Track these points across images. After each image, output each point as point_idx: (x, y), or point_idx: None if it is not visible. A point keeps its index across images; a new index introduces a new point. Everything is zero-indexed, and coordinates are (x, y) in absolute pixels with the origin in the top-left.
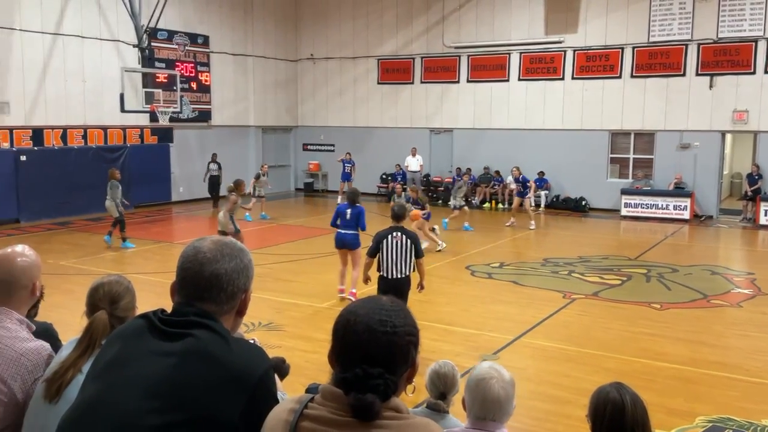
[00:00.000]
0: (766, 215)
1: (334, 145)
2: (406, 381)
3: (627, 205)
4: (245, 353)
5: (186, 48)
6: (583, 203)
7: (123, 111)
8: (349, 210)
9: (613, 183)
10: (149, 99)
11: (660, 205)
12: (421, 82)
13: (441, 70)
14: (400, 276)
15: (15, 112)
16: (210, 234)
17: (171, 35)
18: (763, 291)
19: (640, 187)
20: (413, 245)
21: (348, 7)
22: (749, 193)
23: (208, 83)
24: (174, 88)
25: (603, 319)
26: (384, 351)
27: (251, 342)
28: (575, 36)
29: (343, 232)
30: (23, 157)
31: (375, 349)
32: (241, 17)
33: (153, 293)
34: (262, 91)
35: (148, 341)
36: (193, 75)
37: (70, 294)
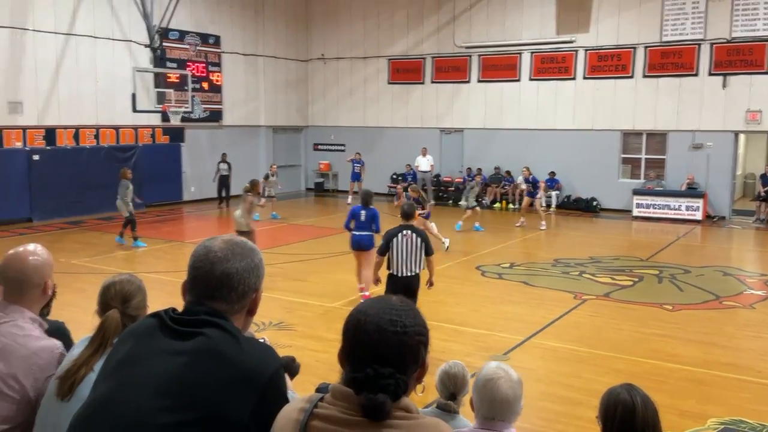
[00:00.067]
0: None
1: (344, 145)
2: (416, 381)
3: (639, 206)
4: (256, 352)
5: (197, 48)
6: (595, 204)
7: (135, 111)
8: (364, 212)
9: (625, 183)
10: (161, 99)
11: (672, 206)
12: (432, 82)
13: (452, 70)
14: (410, 274)
15: (28, 111)
16: (221, 233)
17: (182, 35)
18: None
19: (652, 188)
20: (423, 243)
21: (359, 7)
22: (762, 194)
23: (219, 83)
24: (185, 88)
25: (614, 320)
26: (394, 351)
27: (261, 341)
28: (587, 35)
29: (359, 234)
30: (36, 157)
31: (385, 349)
32: (252, 17)
33: (164, 292)
34: (272, 91)
35: (159, 340)
36: (205, 75)
37: (81, 292)
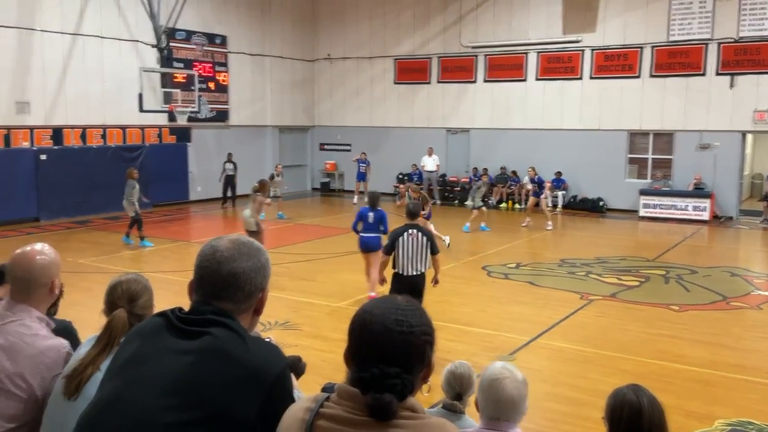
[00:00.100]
0: None
1: (350, 145)
2: (421, 381)
3: (645, 206)
4: (262, 352)
5: (204, 48)
6: (601, 204)
7: (141, 111)
8: (372, 214)
9: (632, 183)
10: (167, 99)
11: (679, 206)
12: (438, 81)
13: (458, 69)
14: (415, 273)
15: (35, 111)
16: (227, 233)
17: (189, 35)
18: None
19: (658, 188)
20: (429, 242)
21: (365, 7)
22: None
23: (225, 83)
24: (192, 88)
25: (621, 321)
26: (400, 351)
27: (268, 341)
28: (593, 35)
29: (367, 236)
30: (43, 157)
31: (391, 349)
32: (259, 17)
33: (170, 291)
34: (279, 91)
35: (166, 339)
36: (211, 75)
37: (88, 292)
